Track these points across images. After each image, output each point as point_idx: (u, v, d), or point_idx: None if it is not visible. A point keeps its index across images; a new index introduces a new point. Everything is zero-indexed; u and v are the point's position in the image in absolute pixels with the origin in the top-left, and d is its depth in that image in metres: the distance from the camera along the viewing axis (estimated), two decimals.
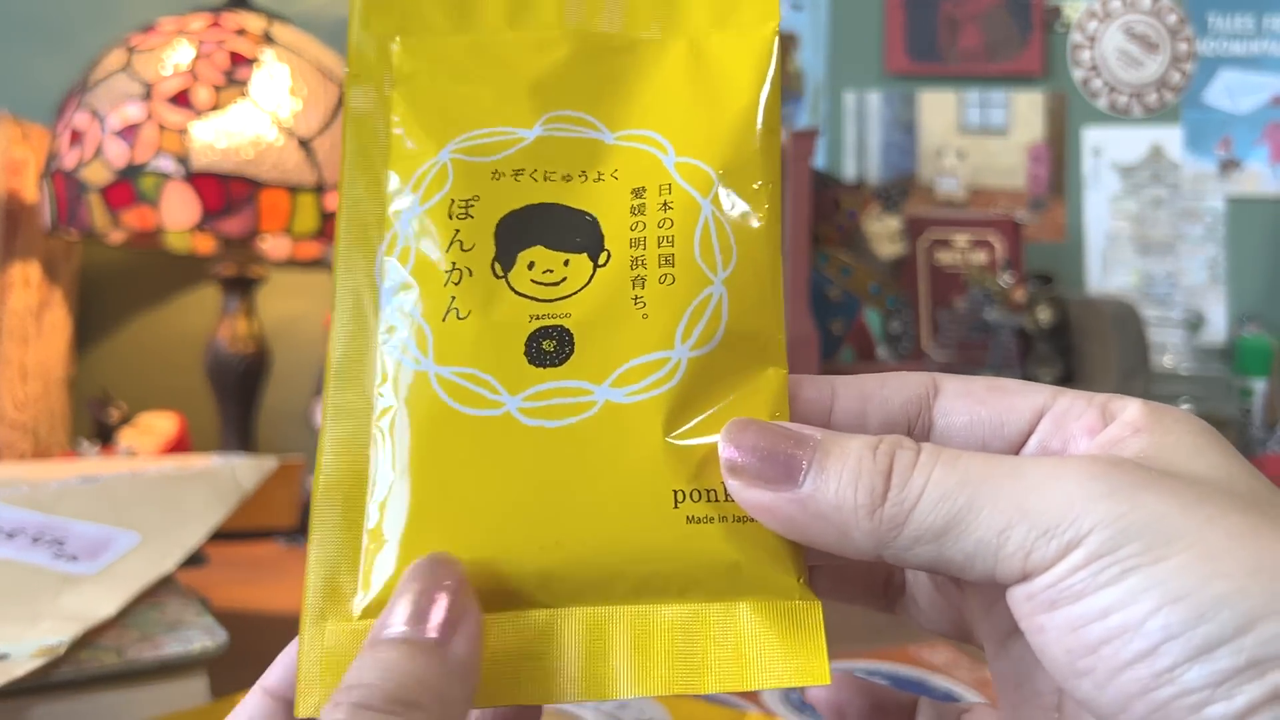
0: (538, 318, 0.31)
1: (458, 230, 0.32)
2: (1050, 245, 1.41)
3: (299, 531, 1.06)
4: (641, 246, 0.32)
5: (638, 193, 0.32)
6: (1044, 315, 1.14)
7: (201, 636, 0.55)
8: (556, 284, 0.31)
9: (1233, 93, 1.41)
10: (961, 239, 1.24)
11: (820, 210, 1.14)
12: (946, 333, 1.16)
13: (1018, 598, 0.26)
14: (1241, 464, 0.27)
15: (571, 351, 0.31)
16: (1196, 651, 0.23)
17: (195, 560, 0.87)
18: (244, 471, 0.72)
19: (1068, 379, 1.15)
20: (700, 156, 0.33)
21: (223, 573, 0.92)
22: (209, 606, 0.65)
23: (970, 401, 0.31)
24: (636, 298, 0.31)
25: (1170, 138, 1.42)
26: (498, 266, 0.31)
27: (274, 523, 1.03)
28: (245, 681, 0.55)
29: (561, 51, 0.34)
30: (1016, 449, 0.30)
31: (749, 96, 0.33)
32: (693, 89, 0.34)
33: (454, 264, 0.31)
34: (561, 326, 0.31)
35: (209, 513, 0.66)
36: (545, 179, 0.33)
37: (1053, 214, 1.42)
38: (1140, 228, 1.42)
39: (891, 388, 0.31)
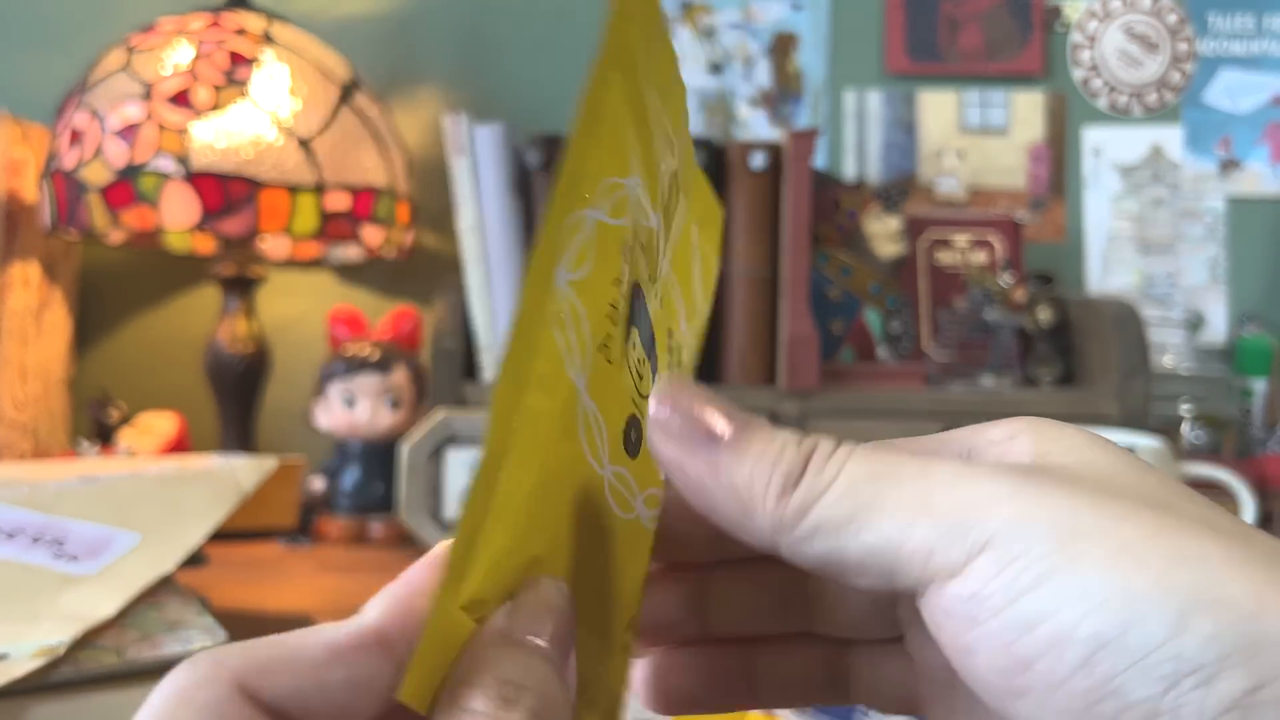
0: (635, 402, 0.30)
1: (624, 270, 0.30)
2: (1050, 245, 1.41)
3: (299, 532, 1.06)
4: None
5: (670, 336, 0.33)
6: (1044, 315, 1.14)
7: (201, 636, 0.55)
8: (642, 378, 0.31)
9: (1233, 93, 1.41)
10: (961, 239, 1.24)
11: (820, 210, 1.14)
12: (947, 333, 1.16)
13: (931, 610, 0.25)
14: (1140, 465, 0.26)
15: (639, 451, 0.30)
16: (1132, 658, 0.22)
17: (195, 560, 0.87)
18: (244, 472, 0.72)
19: (1068, 379, 1.15)
20: (692, 336, 0.35)
21: (222, 573, 0.92)
22: (208, 607, 0.65)
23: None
24: None
25: (1170, 138, 1.42)
26: (628, 331, 0.30)
27: (274, 523, 1.03)
28: None
29: (671, 157, 0.33)
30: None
31: (705, 313, 0.35)
32: (690, 270, 0.35)
33: (615, 302, 0.29)
34: (639, 422, 0.30)
35: (209, 513, 0.66)
36: (648, 270, 0.32)
37: (1053, 214, 1.42)
38: (1140, 228, 1.42)
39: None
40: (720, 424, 0.27)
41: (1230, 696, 0.21)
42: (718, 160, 1.08)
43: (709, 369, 1.10)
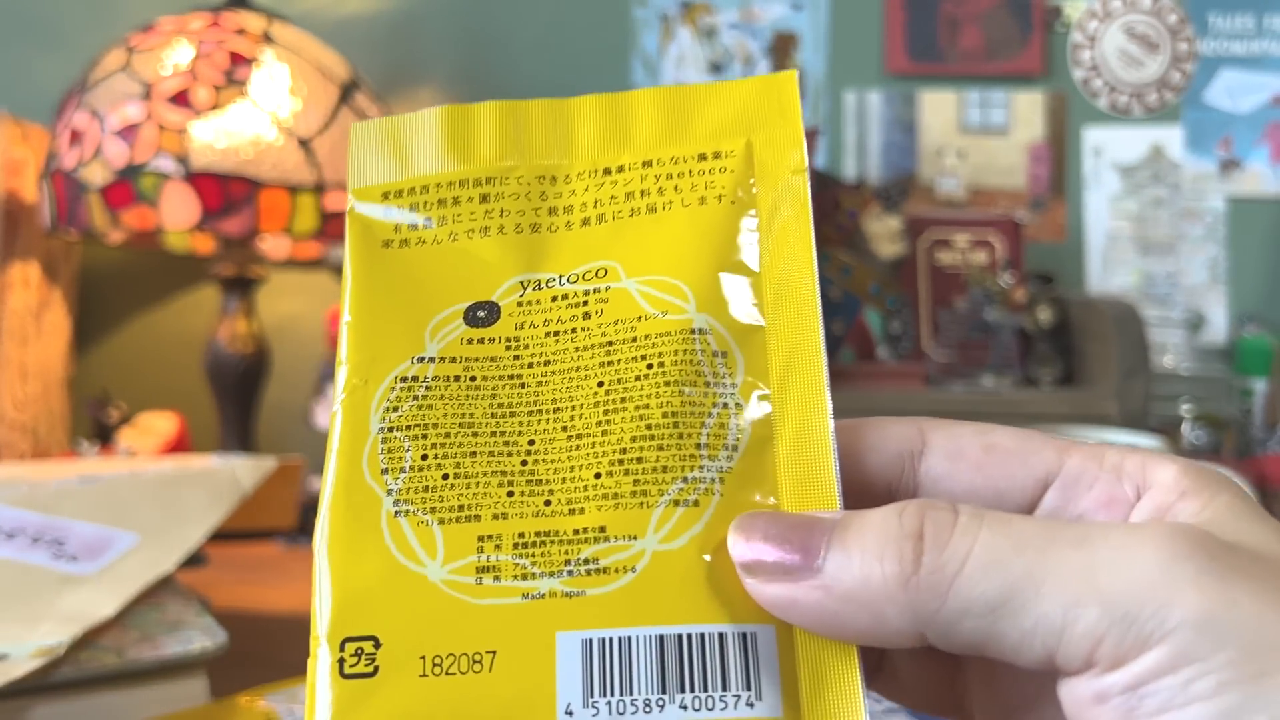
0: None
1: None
2: (1050, 245, 1.41)
3: (299, 532, 1.06)
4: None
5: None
6: (1044, 315, 1.14)
7: (201, 637, 0.55)
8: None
9: (1233, 93, 1.41)
10: (962, 239, 1.24)
11: (820, 210, 1.14)
12: (947, 333, 1.16)
13: (1079, 695, 0.22)
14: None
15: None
16: None
17: (195, 560, 0.87)
18: (244, 471, 0.72)
19: (1068, 379, 1.15)
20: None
21: (223, 573, 0.92)
22: (209, 607, 0.65)
23: (963, 466, 0.27)
24: None
25: (1171, 138, 1.42)
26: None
27: (274, 523, 1.03)
28: (245, 682, 0.55)
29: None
30: (1028, 508, 0.27)
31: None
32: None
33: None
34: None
35: (209, 513, 0.66)
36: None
37: (1053, 214, 1.42)
38: (1140, 228, 1.42)
39: (868, 443, 0.28)
40: (810, 537, 0.24)
41: None
42: None
43: None
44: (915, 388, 1.09)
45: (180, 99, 1.06)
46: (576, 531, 0.27)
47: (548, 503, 0.28)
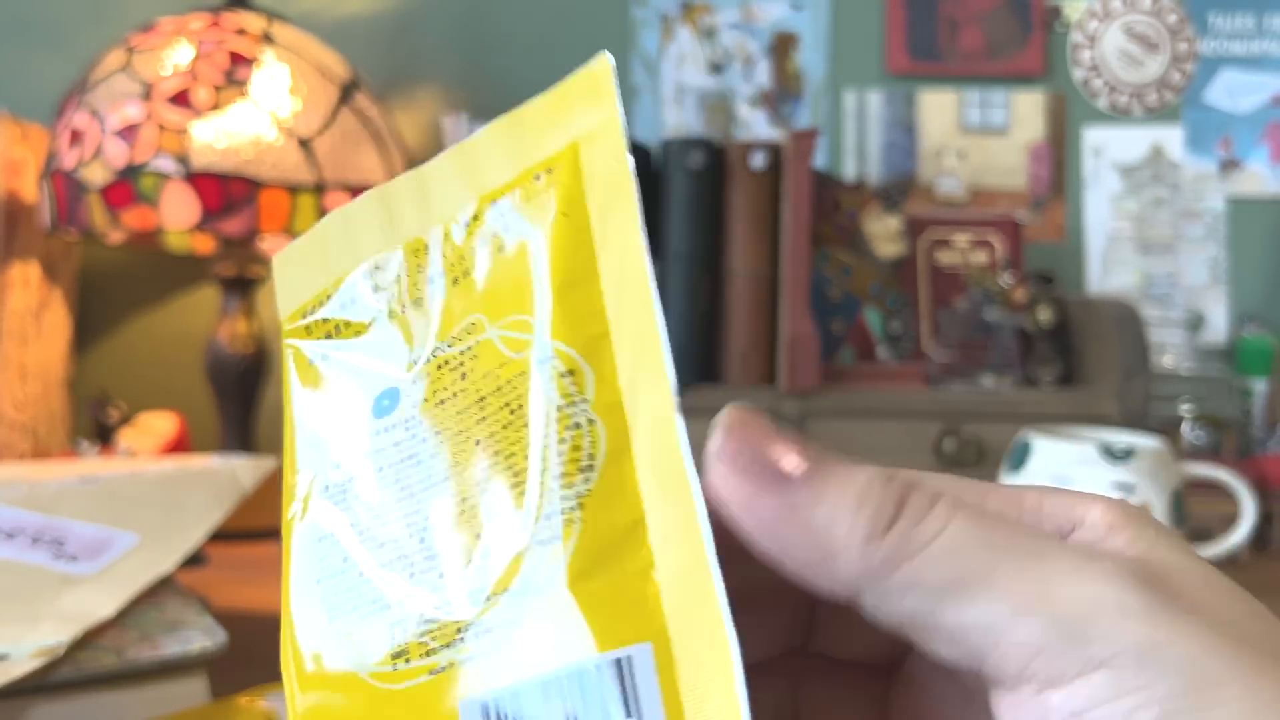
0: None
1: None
2: (1050, 245, 1.41)
3: None
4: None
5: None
6: (1044, 315, 1.14)
7: (201, 637, 0.55)
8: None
9: (1233, 93, 1.42)
10: (962, 239, 1.24)
11: (820, 210, 1.14)
12: (947, 333, 1.16)
13: (1018, 716, 0.22)
14: (1231, 588, 0.24)
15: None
16: None
17: (195, 560, 0.88)
18: (244, 472, 0.72)
19: (1068, 379, 1.15)
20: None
21: (222, 573, 0.92)
22: (208, 607, 0.65)
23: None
24: None
25: (1171, 138, 1.42)
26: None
27: (274, 523, 1.03)
28: (245, 682, 0.55)
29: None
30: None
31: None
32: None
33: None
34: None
35: (208, 513, 0.66)
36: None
37: (1053, 214, 1.42)
38: (1141, 228, 1.42)
39: None
40: (793, 459, 0.24)
41: None
42: (718, 160, 1.08)
43: (709, 369, 1.10)
44: (915, 388, 1.09)
45: (180, 99, 1.06)
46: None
47: (440, 575, 0.28)
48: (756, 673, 0.26)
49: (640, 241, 0.29)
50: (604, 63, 0.30)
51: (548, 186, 0.30)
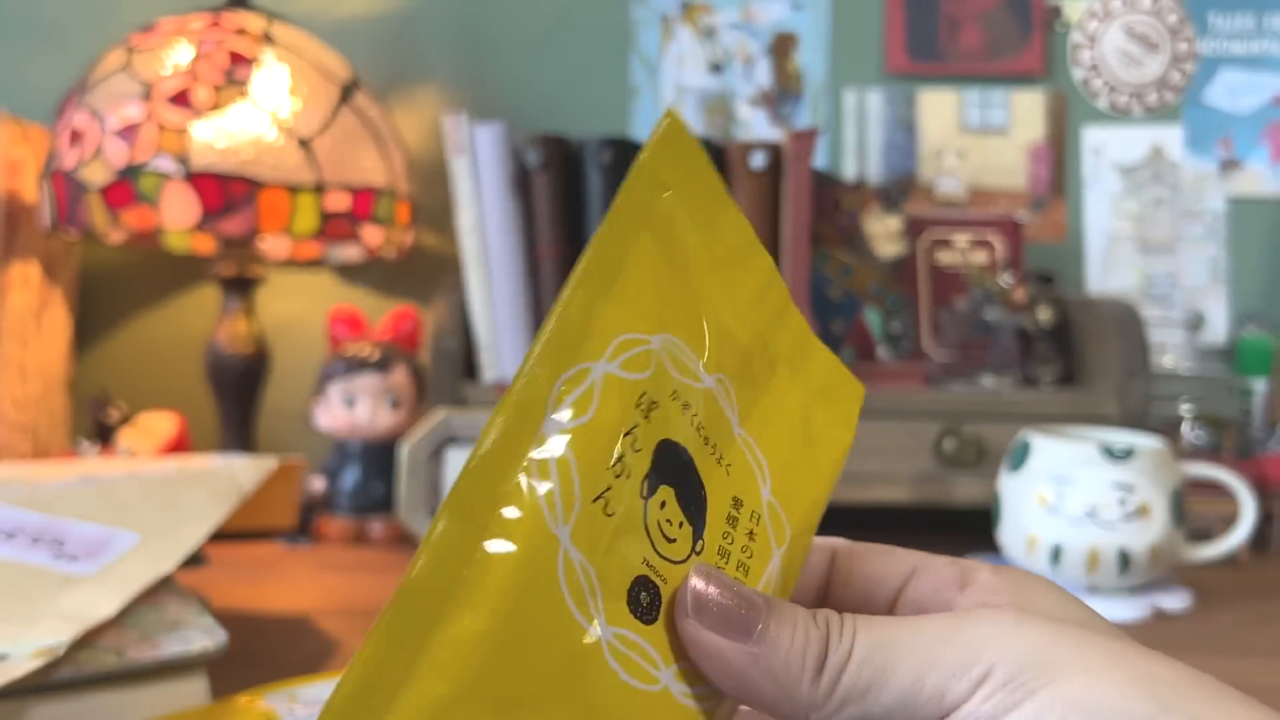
0: (648, 564, 0.30)
1: (636, 425, 0.30)
2: (1050, 245, 1.41)
3: (299, 532, 1.06)
4: (726, 558, 0.32)
5: (736, 503, 0.33)
6: (1044, 315, 1.14)
7: (201, 637, 0.55)
8: (670, 540, 0.31)
9: (1233, 92, 1.41)
10: (962, 239, 1.24)
11: (820, 210, 1.14)
12: (947, 332, 1.16)
13: None
14: (1085, 606, 0.34)
15: (657, 617, 0.30)
16: None
17: (195, 560, 0.88)
18: (243, 472, 0.73)
19: (1068, 379, 1.15)
20: (786, 509, 0.35)
21: (222, 573, 0.92)
22: (209, 607, 0.65)
23: (857, 561, 0.37)
24: None
25: (1171, 137, 1.42)
26: (645, 486, 0.30)
27: (274, 523, 1.03)
28: (245, 682, 0.55)
29: (746, 328, 0.35)
30: (893, 600, 0.36)
31: (826, 485, 0.37)
32: (796, 438, 0.36)
33: (621, 456, 0.30)
34: (657, 587, 0.30)
35: (208, 513, 0.66)
36: (698, 430, 0.33)
37: (1053, 214, 1.42)
38: (1141, 228, 1.42)
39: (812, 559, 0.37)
40: (751, 611, 0.31)
41: None
42: (718, 160, 1.08)
43: None
44: (915, 387, 1.09)
45: (180, 99, 1.06)
46: None
47: None
48: None
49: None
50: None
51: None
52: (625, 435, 0.30)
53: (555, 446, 0.28)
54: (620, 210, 0.32)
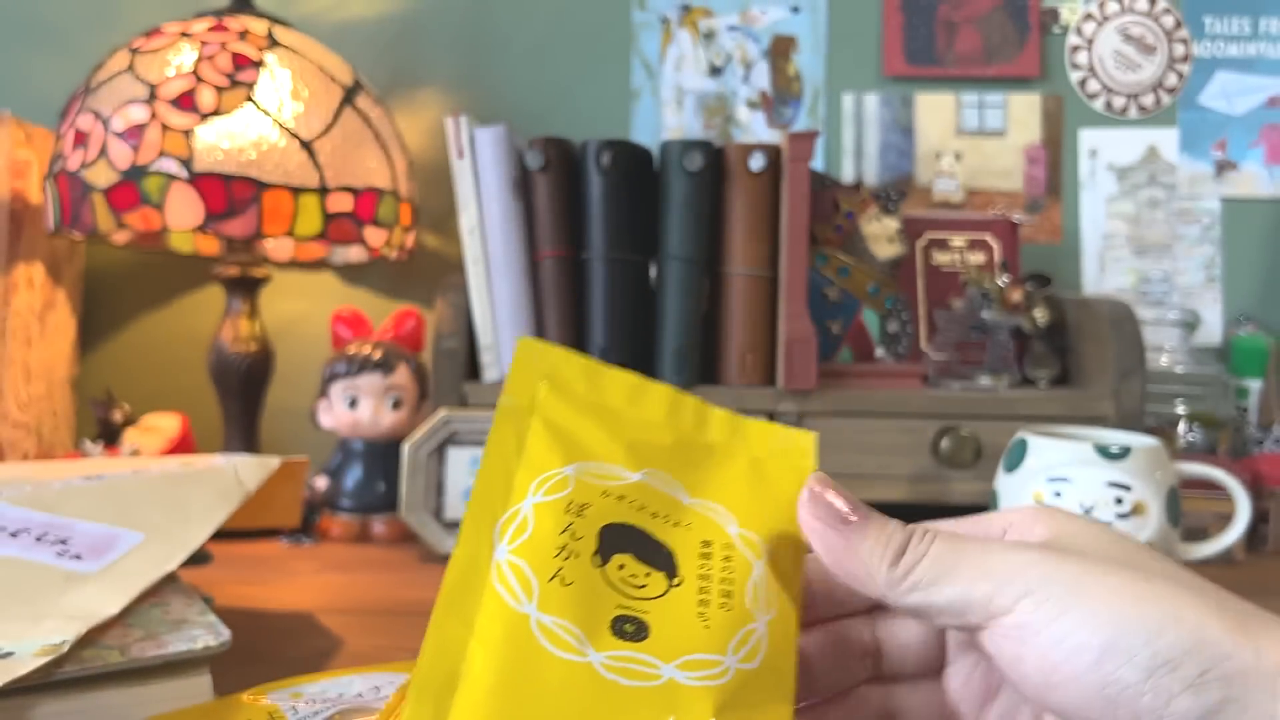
0: (623, 607, 0.39)
1: (571, 523, 0.41)
2: (1047, 246, 1.42)
3: (302, 530, 1.07)
4: (708, 580, 0.41)
5: (705, 544, 0.42)
6: (1041, 316, 1.15)
7: (205, 635, 0.55)
8: (639, 587, 0.40)
9: (1228, 94, 1.42)
10: (959, 240, 1.25)
11: (819, 211, 1.14)
12: (944, 333, 1.17)
13: (996, 640, 0.37)
14: (1123, 538, 0.39)
15: (647, 635, 0.38)
16: (1123, 658, 0.34)
17: (199, 559, 0.88)
18: (247, 470, 0.73)
19: (1064, 379, 1.15)
20: (757, 530, 0.43)
21: (226, 571, 0.92)
22: (212, 605, 0.65)
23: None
24: (701, 613, 0.39)
25: (1166, 139, 1.42)
26: (597, 559, 0.40)
27: (277, 522, 1.03)
28: (249, 679, 0.56)
29: (664, 436, 0.46)
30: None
31: (790, 506, 0.43)
32: (751, 488, 0.46)
33: (564, 546, 0.40)
34: (639, 618, 0.39)
35: (212, 512, 0.67)
36: (640, 510, 0.43)
37: (1049, 215, 1.42)
38: (1136, 229, 1.42)
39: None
40: (849, 513, 0.40)
41: (1188, 678, 0.33)
42: (717, 162, 1.09)
43: (708, 369, 1.11)
44: (913, 387, 1.10)
45: (184, 101, 1.06)
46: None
47: None
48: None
49: None
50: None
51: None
52: (563, 533, 0.40)
53: (507, 561, 0.39)
54: (504, 409, 0.45)
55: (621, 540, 0.42)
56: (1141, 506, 0.88)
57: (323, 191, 1.09)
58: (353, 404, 1.10)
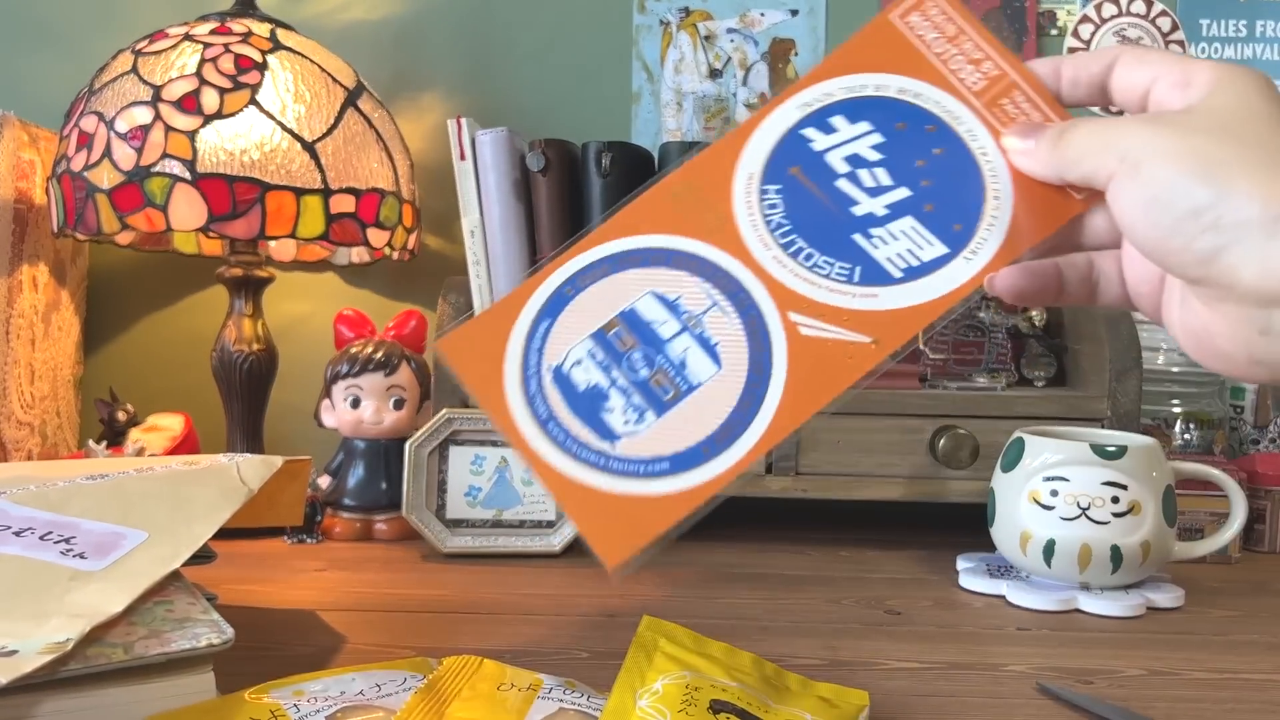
0: None
1: (689, 694, 0.52)
2: None
3: (305, 529, 1.07)
4: None
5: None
6: (1037, 315, 1.15)
7: (208, 632, 0.55)
8: None
9: None
10: None
11: None
12: (941, 332, 1.17)
13: (1110, 197, 0.47)
14: (1254, 104, 0.46)
15: None
16: (1164, 209, 0.44)
17: (202, 557, 0.88)
18: (250, 469, 0.73)
19: (1060, 379, 1.16)
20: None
21: (229, 570, 0.93)
22: (215, 603, 0.66)
23: (1125, 70, 0.51)
24: None
25: None
26: (709, 712, 0.51)
27: (281, 520, 1.03)
28: (252, 677, 0.56)
29: (753, 677, 0.59)
30: (1144, 98, 0.51)
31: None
32: (821, 706, 0.57)
33: (686, 698, 0.52)
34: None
35: (216, 510, 0.67)
36: (739, 698, 0.53)
37: None
38: None
39: (1083, 63, 0.53)
40: (1035, 131, 0.52)
41: (1205, 224, 0.43)
42: None
43: None
44: (910, 386, 1.10)
45: (187, 103, 1.07)
46: None
47: None
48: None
49: None
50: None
51: None
52: (684, 692, 0.52)
53: (649, 704, 0.51)
54: (636, 642, 0.60)
55: (728, 707, 0.52)
56: (1137, 506, 0.89)
57: (326, 193, 1.09)
58: (355, 403, 1.10)
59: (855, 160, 0.53)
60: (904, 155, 0.53)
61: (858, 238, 0.52)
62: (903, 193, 0.53)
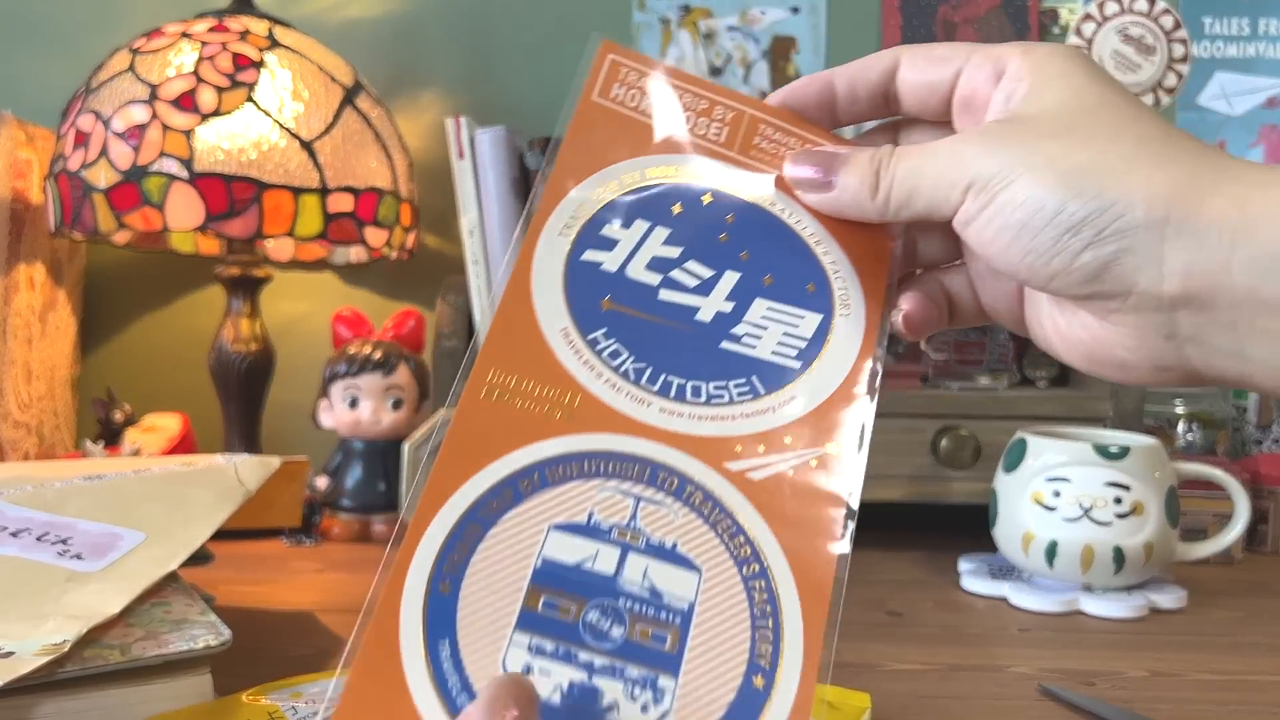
0: None
1: None
2: None
3: (303, 530, 1.07)
4: None
5: None
6: None
7: (206, 634, 0.55)
8: None
9: (1228, 95, 1.42)
10: None
11: None
12: (942, 333, 1.17)
13: (961, 229, 0.42)
14: (1090, 90, 0.41)
15: None
16: (1033, 233, 0.40)
17: (200, 558, 0.88)
18: (248, 470, 0.73)
19: (1063, 379, 1.16)
20: None
21: (227, 571, 0.93)
22: (213, 604, 0.66)
23: (914, 71, 0.46)
24: None
25: None
26: None
27: (278, 521, 1.04)
28: (249, 678, 0.56)
29: None
30: (948, 99, 0.46)
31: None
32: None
33: None
34: None
35: (213, 511, 0.67)
36: None
37: None
38: None
39: (857, 72, 0.48)
40: (821, 176, 0.46)
41: (1087, 239, 0.39)
42: None
43: None
44: (912, 387, 1.10)
45: (185, 101, 1.07)
46: None
47: None
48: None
49: None
50: None
51: None
52: None
53: None
54: None
55: None
56: (1140, 506, 0.88)
57: (323, 192, 1.09)
58: (353, 404, 1.10)
59: (659, 264, 0.44)
60: (702, 237, 0.45)
61: (727, 345, 0.43)
62: (732, 277, 0.44)
